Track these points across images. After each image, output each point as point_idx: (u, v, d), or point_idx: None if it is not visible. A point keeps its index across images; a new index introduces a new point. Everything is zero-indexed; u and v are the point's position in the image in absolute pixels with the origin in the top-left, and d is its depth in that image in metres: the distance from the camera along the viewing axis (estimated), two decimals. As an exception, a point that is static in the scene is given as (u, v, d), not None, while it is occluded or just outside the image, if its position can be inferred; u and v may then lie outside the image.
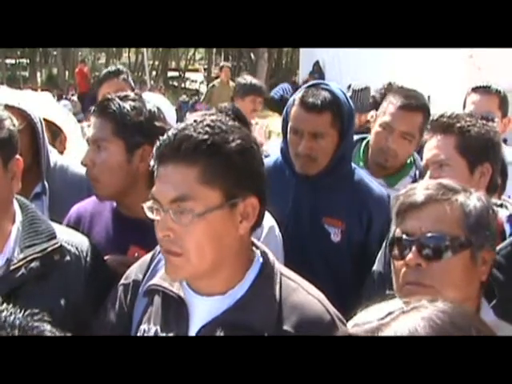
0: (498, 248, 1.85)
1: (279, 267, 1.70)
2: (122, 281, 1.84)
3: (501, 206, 2.40)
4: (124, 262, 2.05)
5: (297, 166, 2.71)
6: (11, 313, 0.92)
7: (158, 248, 1.77)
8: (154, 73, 28.48)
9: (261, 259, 1.68)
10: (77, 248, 1.98)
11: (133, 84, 4.54)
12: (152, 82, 19.92)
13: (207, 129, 1.57)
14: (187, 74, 31.62)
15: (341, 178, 2.72)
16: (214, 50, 27.93)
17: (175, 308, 1.66)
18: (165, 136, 1.59)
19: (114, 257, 2.16)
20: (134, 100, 2.27)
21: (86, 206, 2.39)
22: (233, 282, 1.64)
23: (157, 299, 1.71)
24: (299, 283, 1.68)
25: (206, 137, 1.55)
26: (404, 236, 1.68)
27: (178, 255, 1.57)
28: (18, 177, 1.89)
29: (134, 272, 1.83)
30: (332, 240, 2.68)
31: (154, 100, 2.70)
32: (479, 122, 2.37)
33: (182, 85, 28.09)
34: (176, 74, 32.13)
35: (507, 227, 2.28)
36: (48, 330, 0.94)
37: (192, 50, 34.27)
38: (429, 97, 7.74)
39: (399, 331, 1.03)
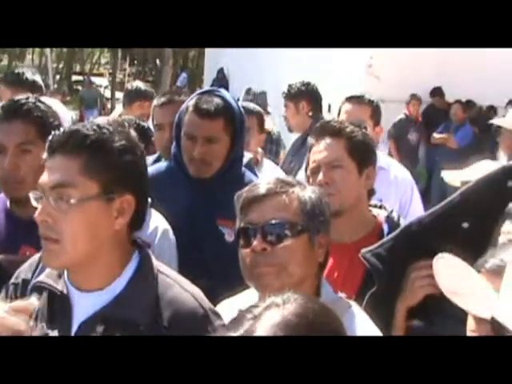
0: (380, 242, 2.07)
1: (157, 264, 1.79)
2: (12, 280, 1.89)
3: (380, 207, 2.57)
4: (15, 261, 2.07)
5: (191, 170, 2.80)
6: None
7: None
8: (58, 76, 27.87)
9: (138, 256, 1.77)
10: None
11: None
12: (56, 85, 19.51)
13: (95, 127, 1.70)
14: (92, 79, 31.09)
15: (233, 181, 2.79)
16: (120, 54, 27.57)
17: (59, 305, 1.74)
18: (57, 131, 1.71)
19: (4, 256, 2.18)
20: (44, 102, 2.38)
21: (-23, 207, 2.39)
22: (110, 277, 1.72)
23: (44, 296, 1.77)
24: (175, 279, 1.78)
25: (91, 133, 1.68)
26: (249, 226, 1.86)
27: (54, 242, 1.65)
28: None
29: (23, 271, 1.89)
30: (226, 240, 2.76)
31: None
32: (362, 129, 2.55)
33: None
34: (80, 77, 31.53)
35: (385, 227, 2.45)
36: None
37: (97, 54, 33.75)
38: (329, 105, 7.94)
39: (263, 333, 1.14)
